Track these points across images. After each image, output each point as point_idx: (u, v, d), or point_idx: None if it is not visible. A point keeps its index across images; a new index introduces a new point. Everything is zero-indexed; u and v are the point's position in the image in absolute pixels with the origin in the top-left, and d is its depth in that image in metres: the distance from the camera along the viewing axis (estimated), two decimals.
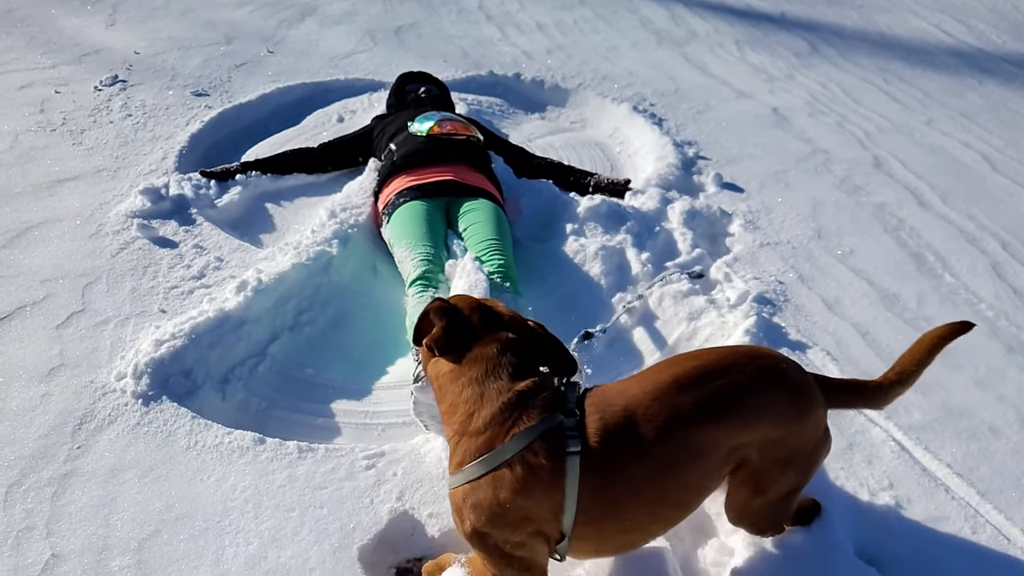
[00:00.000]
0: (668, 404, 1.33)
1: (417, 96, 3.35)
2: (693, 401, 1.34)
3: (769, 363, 1.42)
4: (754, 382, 1.37)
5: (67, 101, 3.62)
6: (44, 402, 1.99)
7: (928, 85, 4.57)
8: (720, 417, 1.35)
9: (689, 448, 1.33)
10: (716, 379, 1.36)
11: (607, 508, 1.32)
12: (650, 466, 1.31)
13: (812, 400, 1.44)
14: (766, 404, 1.38)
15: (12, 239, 2.62)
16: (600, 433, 1.32)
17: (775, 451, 1.41)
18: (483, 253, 2.44)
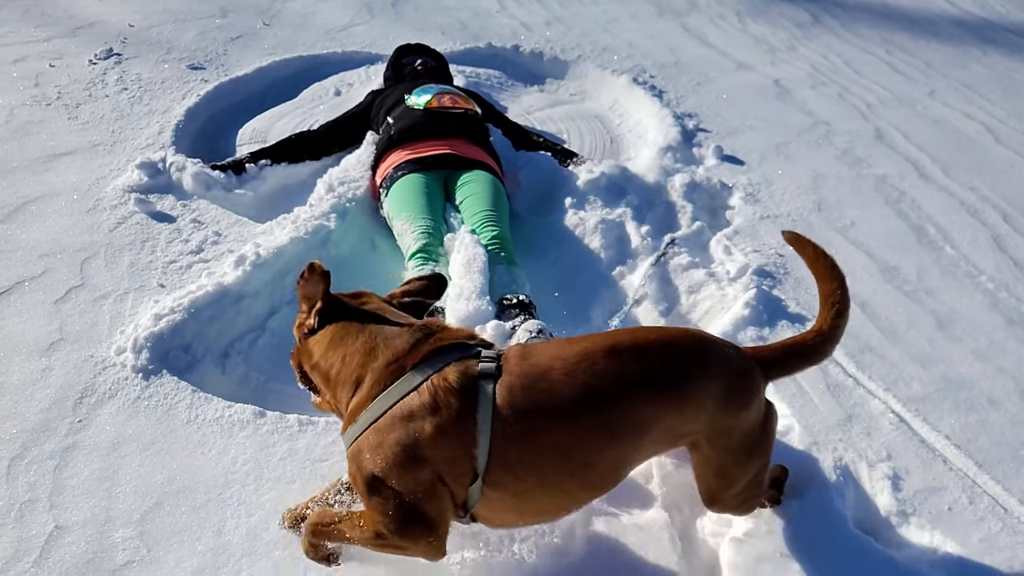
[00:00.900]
0: (599, 364, 1.25)
1: (414, 69, 3.27)
2: (629, 369, 1.26)
3: (712, 349, 1.35)
4: (697, 365, 1.30)
5: (62, 75, 3.53)
6: (45, 376, 1.96)
7: (931, 56, 4.46)
8: (658, 392, 1.27)
9: (623, 415, 1.25)
10: (657, 354, 1.29)
11: (524, 453, 1.23)
12: (575, 419, 1.23)
13: (755, 384, 1.37)
14: (710, 391, 1.30)
15: (9, 214, 2.57)
16: (519, 370, 1.26)
17: (727, 440, 1.35)
18: (478, 224, 2.40)
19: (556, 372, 1.26)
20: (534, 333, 1.89)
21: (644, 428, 1.28)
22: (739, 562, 1.55)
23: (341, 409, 1.38)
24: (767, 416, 1.42)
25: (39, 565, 1.53)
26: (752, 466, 1.42)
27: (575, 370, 1.25)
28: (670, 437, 1.34)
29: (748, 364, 1.37)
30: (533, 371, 1.26)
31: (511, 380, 1.25)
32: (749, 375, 1.36)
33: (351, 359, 1.34)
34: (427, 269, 2.25)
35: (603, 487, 1.34)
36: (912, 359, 2.15)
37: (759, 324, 2.21)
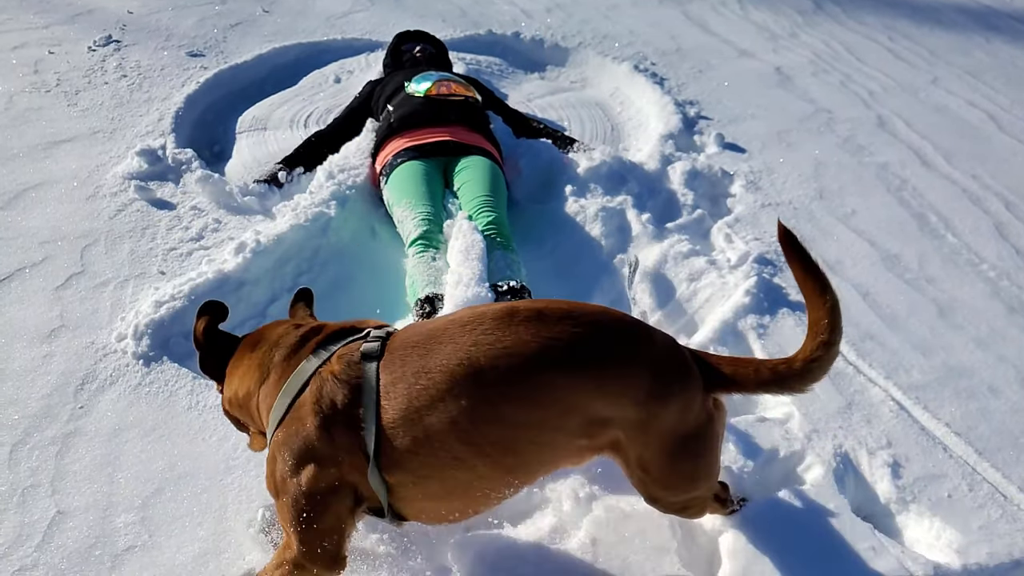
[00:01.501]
0: (493, 331, 1.14)
1: (413, 56, 3.22)
2: (533, 338, 1.13)
3: (643, 335, 1.23)
4: (624, 345, 1.18)
5: (61, 62, 3.49)
6: (46, 363, 1.95)
7: (934, 43, 4.40)
8: (571, 365, 1.14)
9: (527, 384, 1.13)
10: (571, 326, 1.15)
11: (413, 432, 1.13)
12: (470, 389, 1.12)
13: (688, 383, 1.23)
14: (626, 378, 1.17)
15: (9, 201, 2.55)
16: (403, 343, 1.19)
17: (645, 436, 1.22)
18: (475, 209, 2.37)
19: (443, 342, 1.16)
20: None
21: (554, 402, 1.15)
22: (738, 549, 1.54)
23: (256, 426, 1.34)
24: (705, 422, 1.27)
25: (41, 549, 1.53)
26: (682, 469, 1.29)
27: (464, 339, 1.14)
28: (594, 433, 1.20)
29: (683, 361, 1.25)
30: (418, 342, 1.18)
31: (393, 356, 1.17)
32: (682, 372, 1.24)
33: (250, 374, 1.31)
34: (426, 256, 2.23)
35: (521, 470, 1.20)
36: (913, 347, 2.13)
37: (759, 312, 2.20)
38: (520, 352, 1.14)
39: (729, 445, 1.77)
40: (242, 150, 3.02)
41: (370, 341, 1.22)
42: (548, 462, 1.25)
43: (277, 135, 3.12)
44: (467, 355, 1.14)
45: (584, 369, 1.16)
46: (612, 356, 1.18)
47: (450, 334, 1.18)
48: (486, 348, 1.14)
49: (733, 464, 1.73)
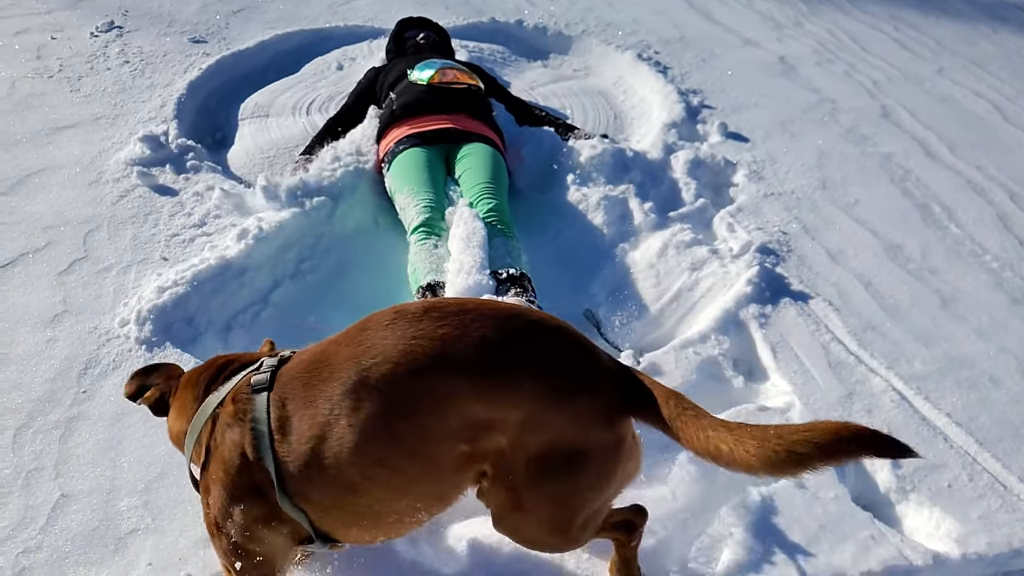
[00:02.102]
0: (380, 336, 1.09)
1: (416, 43, 3.19)
2: (407, 341, 1.07)
3: (523, 332, 1.09)
4: (499, 347, 1.07)
5: (63, 47, 3.46)
6: (49, 347, 1.95)
7: (940, 33, 4.34)
8: (440, 369, 1.06)
9: (410, 391, 1.06)
10: (448, 324, 1.08)
11: (309, 455, 1.10)
12: (356, 403, 1.07)
13: (578, 386, 1.09)
14: (505, 377, 1.06)
15: (12, 186, 2.53)
16: (294, 366, 1.17)
17: (525, 440, 1.08)
18: (476, 196, 2.35)
19: (325, 366, 1.12)
20: None
21: (428, 407, 1.06)
22: (738, 538, 1.53)
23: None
24: (609, 448, 1.09)
25: (45, 532, 1.52)
26: (553, 491, 1.11)
27: (343, 358, 1.11)
28: (465, 426, 1.08)
29: (591, 366, 1.11)
30: (303, 370, 1.15)
31: (282, 385, 1.16)
32: (584, 377, 1.09)
33: (178, 412, 1.31)
34: (428, 244, 2.21)
35: (413, 490, 1.13)
36: (915, 337, 2.12)
37: (761, 302, 2.18)
38: (392, 358, 1.08)
39: None
40: (244, 137, 3.00)
41: (260, 372, 1.20)
42: (434, 478, 1.13)
43: (279, 122, 3.09)
44: (345, 375, 1.11)
45: (457, 369, 1.06)
46: (492, 355, 1.07)
47: (330, 354, 1.15)
48: (364, 361, 1.10)
49: None
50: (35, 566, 1.46)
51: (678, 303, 2.23)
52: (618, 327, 2.15)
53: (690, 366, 1.94)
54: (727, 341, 2.04)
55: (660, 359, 1.96)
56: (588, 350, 1.15)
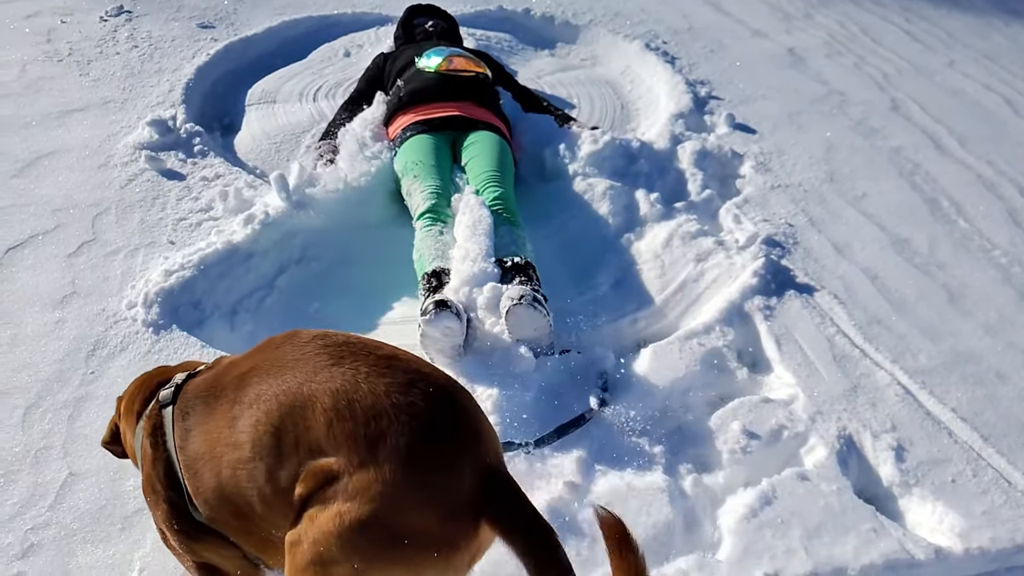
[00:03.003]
0: (270, 362, 1.07)
1: (425, 30, 3.16)
2: (256, 370, 1.07)
3: (416, 381, 1.01)
4: (381, 386, 1.00)
5: (73, 31, 3.44)
6: (58, 328, 1.95)
7: (952, 25, 4.26)
8: (273, 400, 1.03)
9: (247, 425, 1.03)
10: (290, 352, 1.07)
11: (198, 478, 1.10)
12: (225, 433, 1.06)
13: (443, 466, 0.96)
14: (378, 425, 0.96)
15: (22, 168, 2.53)
16: (194, 389, 1.17)
17: (353, 508, 0.94)
18: (482, 184, 2.33)
19: (228, 373, 1.13)
20: (515, 300, 1.83)
21: (295, 442, 1.00)
22: (740, 528, 1.52)
23: None
24: (447, 546, 0.95)
25: (54, 509, 1.53)
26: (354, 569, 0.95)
27: (241, 368, 1.11)
28: (315, 472, 0.98)
29: (472, 467, 0.97)
30: (201, 389, 1.16)
31: (184, 402, 1.17)
32: (454, 473, 0.95)
33: (124, 420, 1.33)
34: (434, 230, 2.19)
35: (267, 523, 1.06)
36: (921, 332, 2.09)
37: (766, 294, 2.15)
38: (265, 381, 1.06)
39: (732, 424, 1.75)
40: (251, 123, 2.98)
41: (167, 388, 1.21)
42: (270, 506, 1.04)
43: (286, 108, 3.07)
44: (231, 394, 1.10)
45: (314, 405, 1.00)
46: (355, 399, 0.99)
47: (227, 371, 1.15)
48: (245, 381, 1.09)
49: (736, 444, 1.70)
50: (43, 543, 1.47)
51: (683, 294, 2.21)
52: (622, 319, 2.13)
53: (694, 357, 1.92)
54: (731, 333, 2.01)
55: (664, 350, 1.95)
56: (471, 430, 1.02)
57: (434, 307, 1.79)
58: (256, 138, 2.87)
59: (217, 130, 2.97)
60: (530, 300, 1.82)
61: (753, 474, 1.67)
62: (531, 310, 1.81)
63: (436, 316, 1.78)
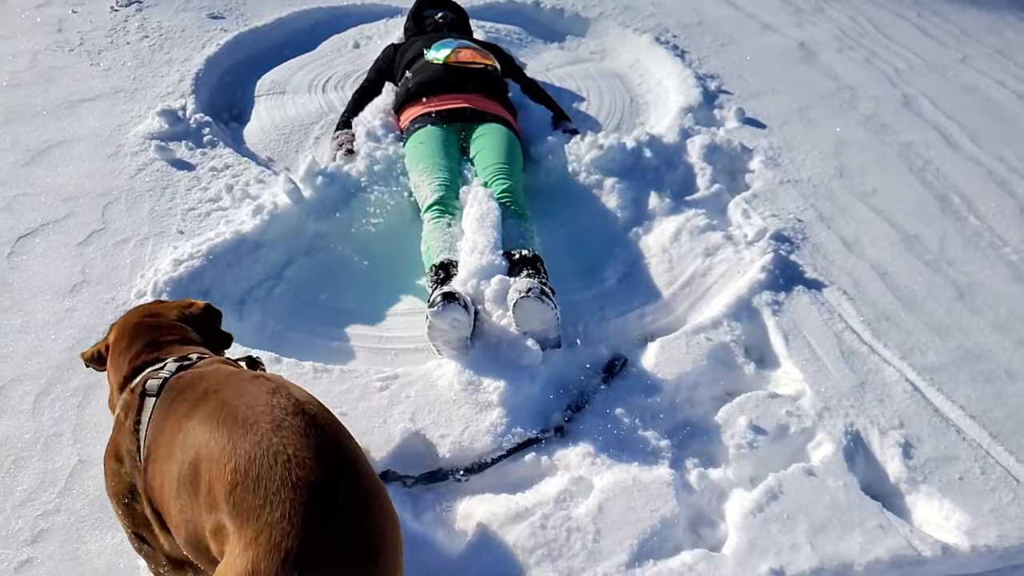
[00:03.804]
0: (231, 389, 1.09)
1: (435, 21, 3.13)
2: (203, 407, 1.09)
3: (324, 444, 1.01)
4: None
5: (84, 21, 3.43)
6: (68, 316, 1.95)
7: (965, 21, 4.20)
8: (204, 447, 1.04)
9: (198, 444, 1.05)
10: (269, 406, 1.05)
11: (157, 476, 1.11)
12: (182, 449, 1.07)
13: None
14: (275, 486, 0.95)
15: (33, 157, 2.53)
16: (176, 386, 1.18)
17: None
18: (490, 177, 2.31)
19: (200, 383, 1.14)
20: (523, 292, 1.81)
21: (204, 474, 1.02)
22: (746, 523, 1.51)
23: None
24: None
25: (63, 496, 1.53)
26: None
27: (208, 383, 1.13)
28: (209, 499, 1.01)
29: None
30: (190, 378, 1.17)
31: (166, 398, 1.17)
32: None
33: (114, 376, 1.34)
34: (442, 222, 2.17)
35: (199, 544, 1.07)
36: (929, 328, 2.06)
37: (775, 289, 2.13)
38: (204, 403, 1.09)
39: (739, 419, 1.73)
40: (260, 113, 2.97)
41: (157, 376, 1.22)
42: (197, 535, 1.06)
43: (295, 99, 3.05)
44: (196, 408, 1.11)
45: (214, 446, 1.03)
46: (233, 444, 1.01)
47: (201, 378, 1.16)
48: (204, 399, 1.11)
49: (742, 439, 1.69)
50: (53, 528, 1.47)
51: (691, 288, 2.19)
52: (629, 313, 2.12)
53: (701, 352, 1.90)
54: (739, 327, 2.00)
55: (671, 344, 1.93)
56: (373, 545, 0.97)
57: (442, 299, 1.78)
58: (265, 129, 2.86)
59: (226, 120, 2.96)
60: (537, 293, 1.80)
61: (759, 469, 1.65)
62: (538, 303, 1.80)
63: (444, 308, 1.77)
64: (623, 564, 1.42)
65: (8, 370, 1.79)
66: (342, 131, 2.70)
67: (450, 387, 1.78)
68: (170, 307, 1.44)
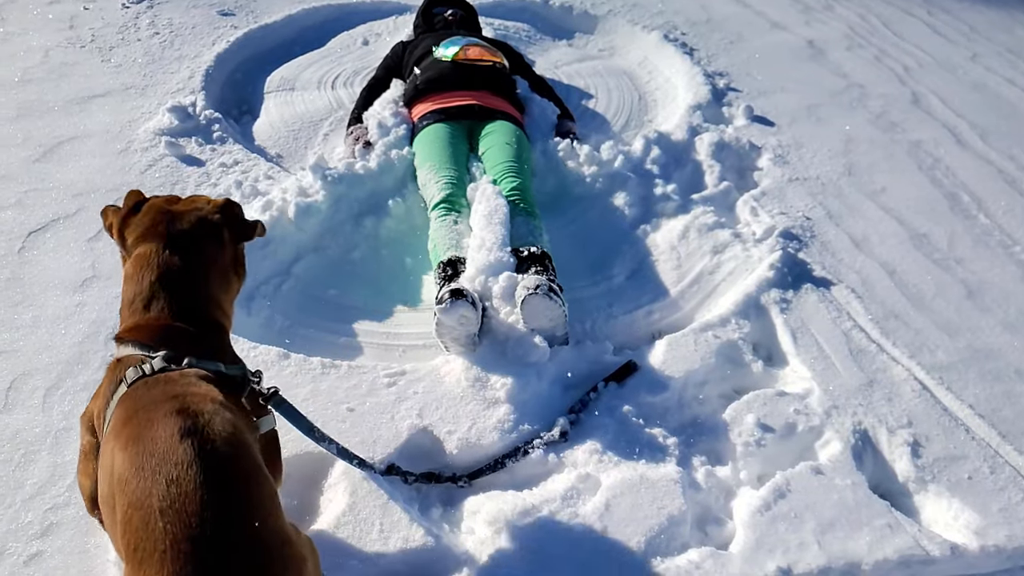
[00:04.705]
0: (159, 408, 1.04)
1: (444, 19, 3.13)
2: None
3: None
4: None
5: (96, 18, 3.44)
6: (78, 311, 1.95)
7: (975, 18, 4.15)
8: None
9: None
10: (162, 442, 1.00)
11: (102, 472, 1.09)
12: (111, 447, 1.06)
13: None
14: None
15: (44, 153, 2.53)
16: (142, 384, 1.14)
17: None
18: (499, 175, 2.30)
19: (144, 398, 1.09)
20: (531, 289, 1.80)
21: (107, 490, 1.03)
22: (753, 521, 1.50)
23: None
24: None
25: (73, 489, 1.53)
26: None
27: (155, 393, 1.09)
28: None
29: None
30: (153, 382, 1.13)
31: (134, 392, 1.12)
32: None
33: (123, 304, 1.28)
34: (449, 220, 2.16)
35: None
36: (938, 327, 2.04)
37: (783, 287, 2.11)
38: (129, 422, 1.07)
39: (747, 417, 1.72)
40: (270, 110, 2.96)
41: (140, 366, 1.16)
42: None
43: (304, 96, 3.05)
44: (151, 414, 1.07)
45: (123, 468, 1.00)
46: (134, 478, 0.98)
47: (146, 390, 1.11)
48: (143, 410, 1.07)
49: (750, 437, 1.67)
50: (62, 522, 1.47)
51: (699, 286, 2.17)
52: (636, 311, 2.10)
53: (709, 349, 1.88)
54: (747, 325, 1.98)
55: (679, 342, 1.91)
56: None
57: (450, 296, 1.77)
58: (274, 125, 2.86)
59: (236, 117, 2.96)
60: (546, 290, 1.79)
61: (767, 467, 1.64)
62: (547, 300, 1.79)
63: (452, 305, 1.76)
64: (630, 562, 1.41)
65: (19, 364, 1.79)
66: (355, 126, 2.68)
67: (457, 383, 1.77)
68: (184, 203, 1.33)
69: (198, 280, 1.29)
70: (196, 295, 1.28)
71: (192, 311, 1.27)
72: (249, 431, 1.16)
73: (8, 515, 1.46)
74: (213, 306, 1.31)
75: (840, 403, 1.78)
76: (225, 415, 1.07)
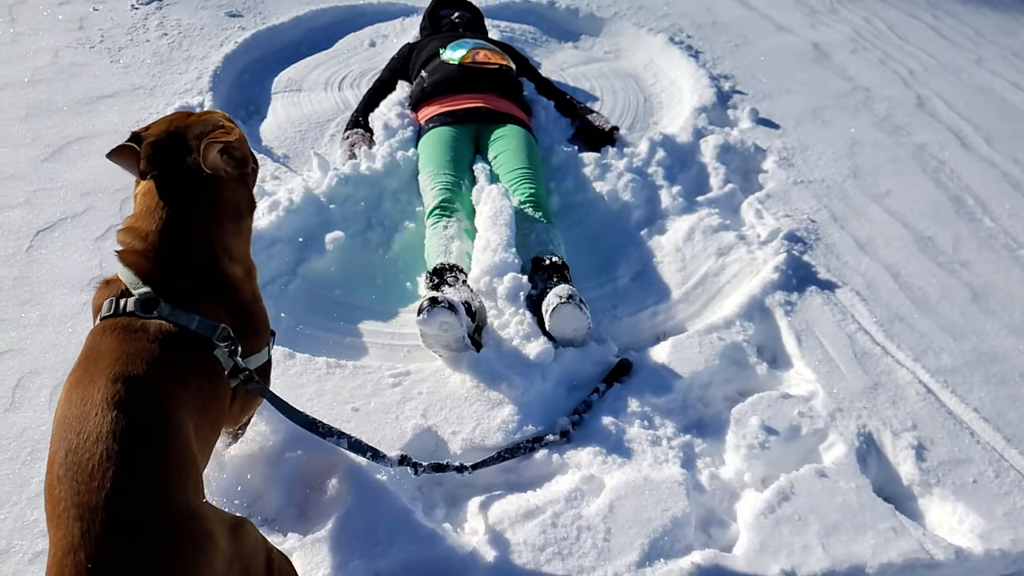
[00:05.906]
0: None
1: (451, 21, 3.12)
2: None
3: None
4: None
5: (105, 19, 3.45)
6: (85, 310, 1.95)
7: (980, 22, 4.13)
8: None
9: None
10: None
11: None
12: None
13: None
14: None
15: (53, 153, 2.54)
16: (105, 324, 1.14)
17: None
18: (514, 182, 2.29)
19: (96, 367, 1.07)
20: (564, 298, 1.80)
21: None
22: (757, 523, 1.49)
23: None
24: None
25: None
26: None
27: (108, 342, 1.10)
28: None
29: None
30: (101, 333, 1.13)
31: (110, 322, 1.13)
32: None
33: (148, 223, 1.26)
34: (440, 226, 2.14)
35: None
36: (943, 330, 2.03)
37: (788, 289, 2.10)
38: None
39: (751, 419, 1.71)
40: (277, 111, 2.96)
41: (122, 298, 1.17)
42: None
43: (312, 97, 3.05)
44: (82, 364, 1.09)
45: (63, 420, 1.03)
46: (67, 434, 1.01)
47: (104, 336, 1.11)
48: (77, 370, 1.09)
49: (754, 439, 1.66)
50: None
51: (703, 288, 2.16)
52: (641, 312, 2.10)
53: (714, 351, 1.88)
54: (752, 327, 1.97)
55: (683, 343, 1.91)
56: None
57: (428, 304, 1.75)
58: (282, 126, 2.86)
59: (243, 117, 2.96)
60: (577, 301, 1.81)
61: (771, 470, 1.63)
62: (577, 310, 1.80)
63: (429, 314, 1.73)
64: (633, 563, 1.40)
65: (25, 363, 1.79)
66: (351, 131, 2.68)
67: (462, 384, 1.76)
68: (196, 120, 1.28)
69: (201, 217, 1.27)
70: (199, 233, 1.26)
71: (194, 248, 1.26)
72: (189, 401, 1.11)
73: (14, 513, 1.46)
74: (216, 247, 1.28)
75: (844, 406, 1.77)
76: (157, 387, 1.06)
